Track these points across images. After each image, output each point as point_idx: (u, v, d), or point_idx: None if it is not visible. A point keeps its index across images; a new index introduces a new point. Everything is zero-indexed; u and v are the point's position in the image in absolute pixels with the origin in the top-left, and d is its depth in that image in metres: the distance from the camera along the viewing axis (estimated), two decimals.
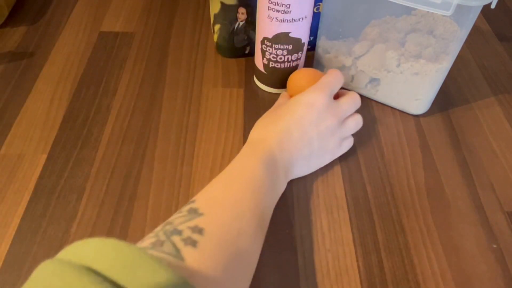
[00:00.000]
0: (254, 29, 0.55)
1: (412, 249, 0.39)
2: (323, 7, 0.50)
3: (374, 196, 0.43)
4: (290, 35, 0.47)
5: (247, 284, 0.33)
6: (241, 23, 0.54)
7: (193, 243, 0.29)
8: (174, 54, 0.58)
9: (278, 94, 0.53)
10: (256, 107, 0.52)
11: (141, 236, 0.39)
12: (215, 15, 0.55)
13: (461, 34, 0.43)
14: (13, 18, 0.63)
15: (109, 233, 0.39)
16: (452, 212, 0.42)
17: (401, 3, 0.43)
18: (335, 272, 0.37)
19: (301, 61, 0.51)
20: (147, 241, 0.29)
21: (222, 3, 0.53)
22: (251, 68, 0.57)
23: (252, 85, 0.54)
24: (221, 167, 0.45)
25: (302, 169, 0.43)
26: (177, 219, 0.32)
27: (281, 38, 0.48)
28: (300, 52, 0.50)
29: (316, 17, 0.53)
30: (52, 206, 0.41)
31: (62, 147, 0.46)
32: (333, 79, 0.44)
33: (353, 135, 0.46)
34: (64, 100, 0.51)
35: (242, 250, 0.32)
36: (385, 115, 0.51)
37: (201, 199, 0.34)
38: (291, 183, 0.44)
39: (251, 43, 0.57)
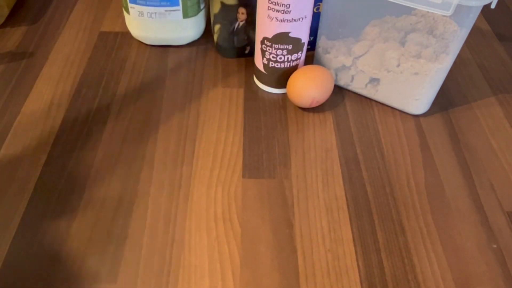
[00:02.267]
0: (254, 29, 0.55)
1: (412, 249, 0.39)
2: (323, 7, 0.50)
3: (374, 196, 0.43)
4: (290, 35, 0.47)
5: None
6: (241, 23, 0.54)
7: None
8: (174, 54, 0.58)
9: (278, 94, 0.53)
10: (256, 107, 0.52)
11: (140, 236, 0.39)
12: (215, 15, 0.55)
13: (461, 34, 0.43)
14: (13, 18, 0.63)
15: (109, 233, 0.39)
16: (452, 212, 0.42)
17: (401, 3, 0.43)
18: (335, 272, 0.37)
19: (301, 61, 0.51)
20: None
21: (222, 3, 0.53)
22: (251, 68, 0.57)
23: (252, 85, 0.54)
24: (221, 167, 0.45)
25: None
26: None
27: (281, 38, 0.48)
28: (300, 52, 0.50)
29: (316, 17, 0.53)
30: (52, 206, 0.41)
31: (62, 147, 0.46)
32: None
33: (353, 135, 0.46)
34: (64, 100, 0.51)
35: None
36: (385, 115, 0.51)
37: None
38: (291, 182, 0.44)
39: (251, 43, 0.57)
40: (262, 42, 0.49)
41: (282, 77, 0.51)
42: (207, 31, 0.62)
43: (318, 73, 0.49)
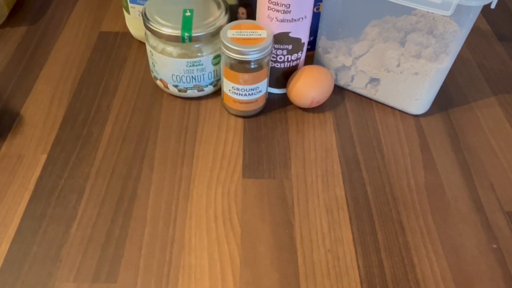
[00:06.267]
0: None
1: (412, 249, 0.39)
2: (323, 7, 0.50)
3: (374, 196, 0.43)
4: (290, 35, 0.47)
5: None
6: None
7: None
8: None
9: (278, 94, 0.53)
10: None
11: (140, 236, 0.39)
12: None
13: (461, 34, 0.44)
14: (13, 18, 0.63)
15: (109, 233, 0.39)
16: (452, 212, 0.42)
17: (401, 3, 0.43)
18: (335, 272, 0.37)
19: (301, 61, 0.51)
20: None
21: None
22: None
23: None
24: (221, 167, 0.45)
25: None
26: None
27: (281, 38, 0.48)
28: (300, 52, 0.50)
29: (316, 17, 0.53)
30: (52, 206, 0.41)
31: (62, 147, 0.46)
32: None
33: (353, 135, 0.46)
34: (64, 100, 0.51)
35: None
36: (385, 115, 0.51)
37: None
38: (291, 182, 0.44)
39: None
40: None
41: (282, 77, 0.51)
42: None
43: (318, 73, 0.49)
